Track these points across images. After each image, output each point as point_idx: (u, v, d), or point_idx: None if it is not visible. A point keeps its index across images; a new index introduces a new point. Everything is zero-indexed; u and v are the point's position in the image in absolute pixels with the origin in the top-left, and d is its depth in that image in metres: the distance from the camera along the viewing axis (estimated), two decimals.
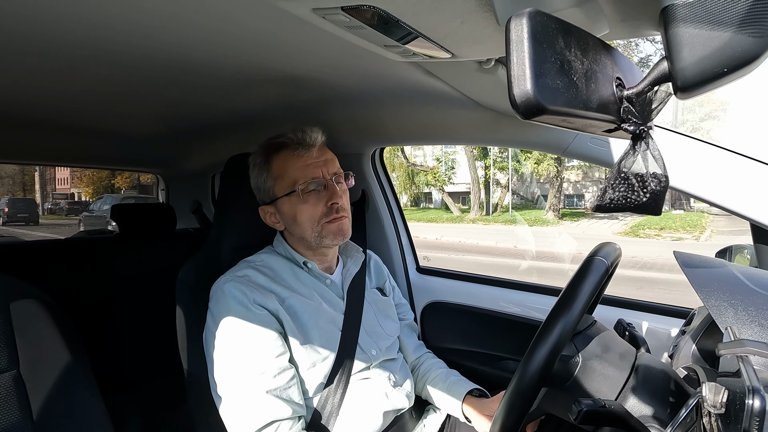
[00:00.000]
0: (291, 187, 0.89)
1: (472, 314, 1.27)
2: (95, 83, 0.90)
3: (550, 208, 16.17)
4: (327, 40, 0.66)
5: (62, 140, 1.46)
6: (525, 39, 0.32)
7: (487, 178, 17.88)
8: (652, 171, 0.42)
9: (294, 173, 0.89)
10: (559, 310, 0.58)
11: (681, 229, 12.10)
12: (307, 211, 0.89)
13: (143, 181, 21.30)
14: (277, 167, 0.91)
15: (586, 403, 0.53)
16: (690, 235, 11.43)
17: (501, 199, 18.52)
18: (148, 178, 19.79)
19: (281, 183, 0.90)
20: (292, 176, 0.89)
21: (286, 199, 0.90)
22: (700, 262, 0.62)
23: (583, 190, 20.88)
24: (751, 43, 0.31)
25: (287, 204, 0.90)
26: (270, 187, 0.92)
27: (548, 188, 17.55)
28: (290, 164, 0.89)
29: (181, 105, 1.13)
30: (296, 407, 0.81)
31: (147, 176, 18.98)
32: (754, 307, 0.51)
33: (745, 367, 0.40)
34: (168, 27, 0.63)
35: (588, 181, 20.57)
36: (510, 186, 18.58)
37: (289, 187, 0.89)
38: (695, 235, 11.26)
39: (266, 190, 0.93)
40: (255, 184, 0.95)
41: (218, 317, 0.83)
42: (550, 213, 15.93)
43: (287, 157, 0.90)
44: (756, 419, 0.36)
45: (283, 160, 0.90)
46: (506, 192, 18.55)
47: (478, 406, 0.96)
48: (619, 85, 0.41)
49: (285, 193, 0.90)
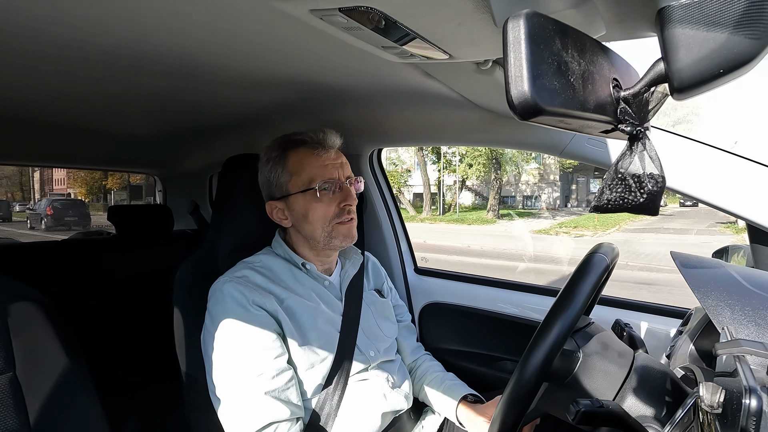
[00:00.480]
0: (307, 184, 0.89)
1: (470, 315, 1.27)
2: (92, 83, 0.90)
3: (489, 209, 18.05)
4: (324, 41, 0.66)
5: (59, 141, 1.45)
6: (522, 40, 0.32)
7: (439, 180, 19.88)
8: (649, 171, 0.42)
9: (312, 171, 0.89)
10: (559, 307, 0.58)
11: (598, 227, 12.93)
12: (320, 210, 0.89)
13: (133, 182, 21.42)
14: (294, 163, 0.90)
15: (584, 404, 0.53)
16: (592, 231, 12.49)
17: (454, 200, 20.50)
18: (138, 179, 20.07)
19: (297, 179, 0.90)
20: (309, 174, 0.89)
21: (300, 196, 0.90)
22: (697, 262, 0.63)
23: (539, 191, 22.06)
24: (747, 45, 0.32)
25: (301, 201, 0.90)
26: (284, 182, 0.91)
27: (510, 190, 19.81)
28: (309, 162, 0.90)
29: (178, 106, 1.13)
30: (294, 409, 0.81)
31: (136, 177, 19.09)
32: (750, 307, 0.52)
33: (742, 366, 0.40)
34: (165, 28, 0.63)
35: (543, 183, 21.77)
36: (457, 188, 20.51)
37: (306, 184, 0.89)
38: (596, 232, 12.29)
39: (279, 185, 0.92)
40: (266, 179, 0.94)
41: (217, 318, 0.83)
42: (490, 213, 17.71)
43: (306, 155, 0.90)
44: (753, 418, 0.36)
45: (301, 157, 0.90)
46: (458, 193, 20.56)
47: (473, 411, 0.96)
48: (616, 86, 0.41)
49: (300, 189, 0.90)
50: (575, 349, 0.64)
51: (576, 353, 0.64)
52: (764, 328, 0.49)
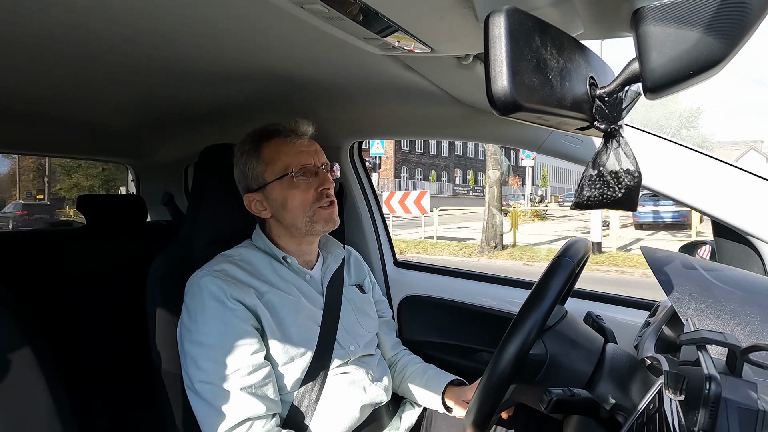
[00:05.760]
0: (283, 171, 0.89)
1: (449, 308, 1.28)
2: (65, 72, 0.86)
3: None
4: (305, 31, 0.64)
5: (30, 129, 1.38)
6: (503, 36, 0.32)
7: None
8: (625, 167, 0.43)
9: (287, 158, 0.89)
10: (528, 308, 0.60)
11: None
12: (298, 196, 0.89)
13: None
14: (268, 153, 0.90)
15: (555, 393, 0.55)
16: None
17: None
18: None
19: (272, 168, 0.89)
20: (284, 161, 0.89)
21: (276, 184, 0.89)
22: (664, 256, 0.65)
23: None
24: (717, 47, 0.33)
25: (278, 189, 0.89)
26: (259, 173, 0.90)
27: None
28: (283, 150, 0.90)
29: (154, 95, 1.09)
30: (271, 404, 0.80)
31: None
32: (713, 299, 0.54)
33: (704, 356, 0.42)
34: (141, 16, 0.60)
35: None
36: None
37: (281, 171, 0.89)
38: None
39: (255, 176, 0.91)
40: (241, 172, 0.93)
41: (193, 312, 0.81)
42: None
43: (279, 144, 0.90)
44: (712, 405, 0.38)
45: (275, 146, 0.90)
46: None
47: (458, 394, 0.98)
48: (592, 84, 0.42)
49: (276, 177, 0.89)
50: (542, 352, 0.66)
51: (543, 355, 0.66)
52: (725, 320, 0.51)
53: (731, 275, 0.62)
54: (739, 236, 0.81)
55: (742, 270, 0.67)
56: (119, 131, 1.47)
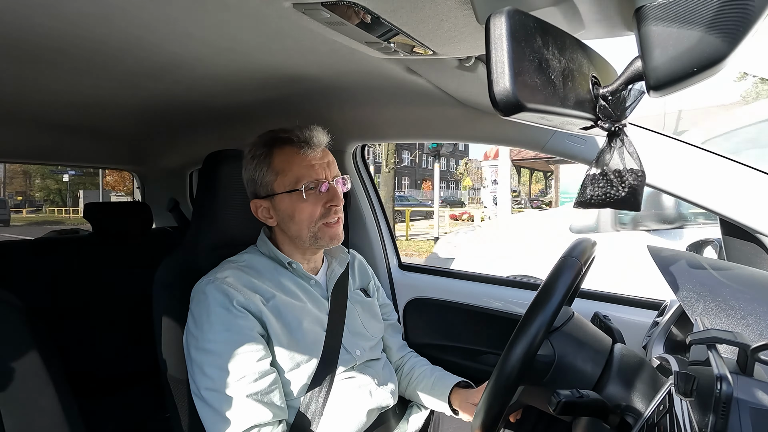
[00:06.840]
0: (293, 185, 0.87)
1: (454, 310, 1.28)
2: (70, 80, 0.87)
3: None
4: (308, 36, 0.65)
5: (37, 137, 1.40)
6: (504, 37, 0.32)
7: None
8: (629, 167, 0.43)
9: (298, 171, 0.87)
10: (535, 309, 0.60)
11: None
12: (306, 211, 0.88)
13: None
14: (279, 162, 0.88)
15: (564, 394, 0.54)
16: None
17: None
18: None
19: (283, 179, 0.88)
20: (295, 173, 0.87)
21: (285, 196, 0.88)
22: (672, 255, 0.65)
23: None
24: (720, 44, 0.32)
25: (286, 201, 0.88)
26: (269, 181, 0.89)
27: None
28: (295, 161, 0.88)
29: (158, 101, 1.10)
30: (277, 411, 0.80)
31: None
32: (722, 298, 0.53)
33: (714, 355, 0.42)
34: (145, 23, 0.61)
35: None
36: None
37: (292, 184, 0.87)
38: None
39: (264, 184, 0.90)
40: (250, 177, 0.92)
41: (199, 320, 0.81)
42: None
43: (291, 154, 0.88)
44: (723, 405, 0.38)
45: (287, 156, 0.88)
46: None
47: (465, 396, 0.97)
48: (595, 84, 0.41)
49: (286, 189, 0.88)
50: (550, 353, 0.65)
51: (551, 357, 0.65)
52: (735, 318, 0.51)
53: (741, 274, 0.61)
54: (747, 234, 0.80)
55: (752, 268, 0.66)
56: (124, 138, 1.48)
